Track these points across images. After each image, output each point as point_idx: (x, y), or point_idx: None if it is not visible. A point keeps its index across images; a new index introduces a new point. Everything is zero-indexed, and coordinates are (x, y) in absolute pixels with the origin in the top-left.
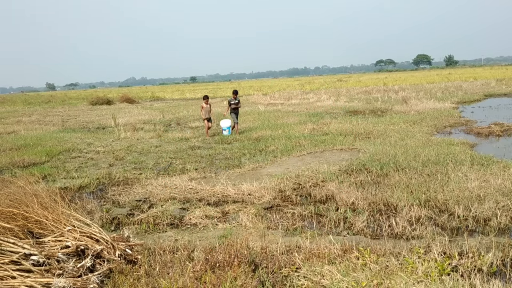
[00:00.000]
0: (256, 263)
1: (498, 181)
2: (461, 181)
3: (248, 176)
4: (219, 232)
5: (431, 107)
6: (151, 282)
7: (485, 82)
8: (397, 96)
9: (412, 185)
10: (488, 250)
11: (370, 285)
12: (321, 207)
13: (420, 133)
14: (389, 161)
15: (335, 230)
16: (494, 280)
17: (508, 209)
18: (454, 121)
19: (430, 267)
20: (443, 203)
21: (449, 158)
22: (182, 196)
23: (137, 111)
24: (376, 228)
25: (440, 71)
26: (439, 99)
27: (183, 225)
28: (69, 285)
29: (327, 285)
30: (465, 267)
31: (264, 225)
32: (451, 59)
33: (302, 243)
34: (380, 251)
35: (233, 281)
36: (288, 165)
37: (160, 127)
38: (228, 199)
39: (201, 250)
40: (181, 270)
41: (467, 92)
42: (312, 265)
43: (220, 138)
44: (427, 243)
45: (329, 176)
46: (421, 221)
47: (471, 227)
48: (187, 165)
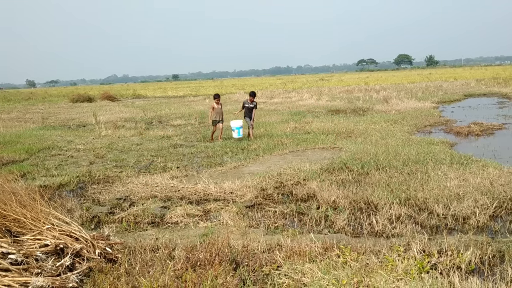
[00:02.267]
0: (237, 262)
1: (477, 180)
2: (441, 180)
3: (230, 175)
4: (200, 230)
5: (411, 106)
6: (131, 281)
7: (465, 82)
8: (378, 96)
9: (392, 184)
10: (467, 248)
11: (350, 283)
12: (303, 206)
13: (401, 132)
14: (370, 160)
15: (316, 228)
16: (473, 278)
17: (487, 207)
18: (434, 121)
19: (409, 265)
20: (423, 202)
21: (429, 157)
22: (163, 194)
23: (118, 109)
24: (356, 226)
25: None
26: (419, 98)
27: (164, 223)
28: (47, 284)
29: (308, 283)
30: (444, 265)
31: (245, 223)
32: (431, 59)
33: (283, 241)
34: (361, 249)
35: (214, 279)
36: (270, 163)
37: (141, 125)
38: (209, 198)
39: (182, 249)
40: (161, 269)
41: (447, 92)
42: (293, 263)
43: (202, 136)
44: (407, 241)
45: (310, 174)
46: (401, 220)
47: (450, 226)
48: (169, 163)
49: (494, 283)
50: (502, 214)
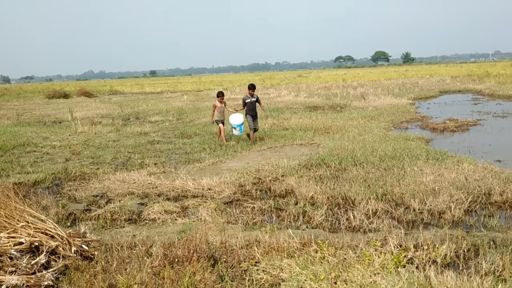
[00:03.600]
0: (215, 258)
1: (452, 175)
2: (417, 175)
3: (208, 171)
4: (178, 227)
5: (388, 103)
6: (108, 278)
7: (441, 79)
8: (355, 92)
9: (369, 179)
10: (442, 242)
11: (328, 277)
12: (281, 202)
13: (378, 128)
14: (347, 155)
15: (295, 224)
16: (448, 271)
17: (462, 202)
18: (410, 117)
19: (386, 259)
20: (399, 197)
21: (405, 153)
22: (140, 191)
23: (95, 105)
24: (334, 222)
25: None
26: (396, 95)
27: (141, 220)
28: (22, 283)
29: (286, 278)
30: (420, 259)
31: (223, 219)
32: (408, 56)
33: (261, 237)
34: (338, 244)
35: (192, 276)
36: (249, 159)
37: (118, 121)
38: (187, 194)
39: (159, 246)
40: (139, 266)
41: (423, 88)
42: (271, 259)
43: (180, 133)
44: (384, 236)
45: (289, 170)
46: (378, 215)
47: (426, 220)
48: (146, 159)
49: (469, 276)
50: (476, 209)
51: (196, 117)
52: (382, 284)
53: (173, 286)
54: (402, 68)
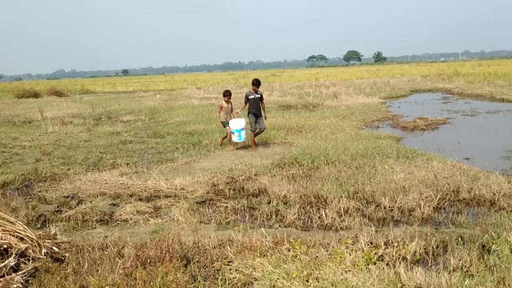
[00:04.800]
0: (188, 258)
1: (422, 173)
2: (388, 173)
3: (181, 171)
4: (150, 227)
5: (360, 102)
6: (79, 280)
7: (411, 78)
8: (328, 91)
9: (341, 178)
10: (412, 239)
11: (300, 276)
12: (254, 201)
13: (350, 127)
14: (320, 154)
15: (267, 223)
16: (417, 268)
17: (431, 199)
18: (381, 116)
19: (357, 256)
20: (370, 195)
21: (377, 151)
22: (112, 191)
23: (66, 105)
24: (306, 220)
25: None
26: (368, 94)
27: (113, 221)
28: None
29: (258, 277)
30: (390, 256)
31: (196, 219)
32: (379, 56)
33: (234, 236)
34: (310, 242)
35: (164, 276)
36: (222, 159)
37: (90, 121)
38: (160, 194)
39: (131, 246)
40: (110, 267)
41: (394, 87)
42: (244, 258)
43: (152, 132)
44: (355, 234)
45: (262, 169)
46: (349, 213)
47: (396, 218)
48: (118, 159)
49: (438, 272)
50: (445, 206)
51: (169, 116)
52: (353, 281)
53: (145, 287)
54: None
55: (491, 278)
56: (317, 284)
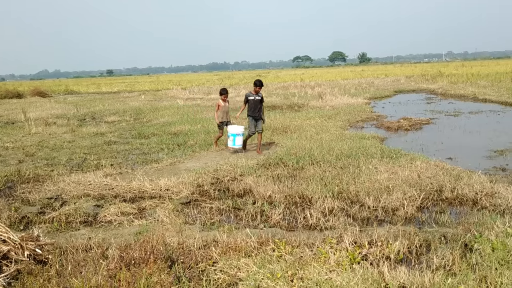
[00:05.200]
0: (172, 259)
1: (405, 173)
2: (372, 173)
3: (166, 171)
4: (135, 229)
5: (345, 102)
6: (62, 282)
7: (396, 79)
8: (313, 92)
9: (326, 178)
10: (396, 239)
11: (285, 276)
12: (239, 201)
13: (334, 127)
14: (304, 154)
15: (252, 223)
16: (401, 267)
17: (414, 199)
18: (366, 116)
19: (341, 256)
20: (354, 195)
21: (361, 151)
22: (96, 192)
23: (49, 105)
24: (291, 220)
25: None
26: (352, 94)
27: (97, 222)
28: None
29: (243, 277)
30: (374, 255)
31: (181, 220)
32: (364, 57)
33: (219, 237)
34: (295, 243)
35: (149, 278)
36: (207, 159)
37: (74, 122)
38: (144, 195)
39: (115, 248)
40: (94, 269)
41: (379, 88)
42: (229, 258)
43: (137, 133)
44: (339, 234)
45: (247, 170)
46: (334, 212)
47: (380, 217)
48: (102, 160)
49: (421, 271)
50: (428, 205)
51: (154, 117)
52: (338, 280)
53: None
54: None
55: (473, 276)
56: (302, 284)
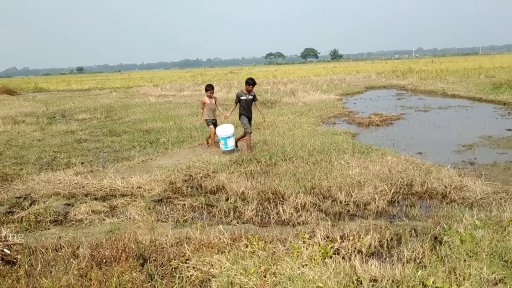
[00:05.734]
0: (144, 257)
1: (376, 167)
2: (344, 168)
3: (138, 169)
4: (106, 227)
5: (317, 98)
6: (32, 282)
7: (367, 75)
8: (286, 88)
9: (298, 174)
10: (367, 233)
11: (257, 271)
12: (212, 198)
13: (307, 123)
14: (277, 151)
15: (225, 219)
16: (372, 260)
17: (385, 193)
18: (338, 112)
19: (314, 251)
20: (327, 190)
21: (333, 147)
22: (66, 191)
23: (18, 103)
24: (264, 216)
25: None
26: (324, 91)
27: (67, 221)
28: None
29: (216, 274)
30: (346, 249)
31: (153, 218)
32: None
33: (192, 234)
34: (268, 238)
35: (120, 276)
36: (179, 156)
37: (43, 120)
38: (116, 193)
39: (86, 247)
40: (65, 268)
41: (350, 84)
42: (202, 255)
43: (108, 130)
44: (312, 228)
45: (220, 166)
46: (306, 208)
47: (352, 212)
48: (73, 159)
49: (392, 264)
50: (399, 199)
51: (126, 114)
52: (310, 275)
53: (100, 287)
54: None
55: (442, 268)
56: (275, 279)
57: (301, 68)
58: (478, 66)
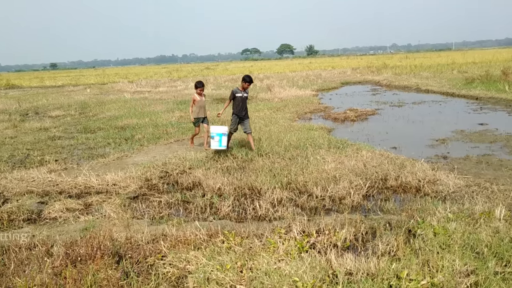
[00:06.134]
0: (120, 254)
1: (351, 162)
2: (319, 163)
3: (113, 166)
4: (81, 225)
5: (293, 94)
6: (4, 282)
7: (342, 71)
8: (262, 84)
9: (275, 169)
10: (342, 227)
11: (234, 267)
12: (188, 194)
13: (283, 119)
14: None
15: (202, 216)
16: (348, 254)
17: (360, 188)
18: (314, 108)
19: (290, 245)
20: (303, 185)
21: (309, 142)
22: (40, 189)
23: None
24: (241, 212)
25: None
26: (300, 86)
27: (41, 220)
28: None
29: (192, 270)
30: (322, 243)
31: (129, 215)
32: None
33: (168, 230)
34: (244, 234)
35: (96, 274)
36: (155, 153)
37: (16, 117)
38: (91, 191)
39: (61, 245)
40: (39, 267)
41: (326, 80)
42: (178, 252)
43: (83, 127)
44: (288, 223)
45: (196, 163)
46: (283, 203)
47: (327, 206)
48: (47, 156)
49: (367, 258)
50: (374, 193)
51: (100, 111)
52: (286, 269)
53: (75, 285)
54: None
55: (416, 261)
56: (251, 274)
57: (277, 64)
58: (451, 62)
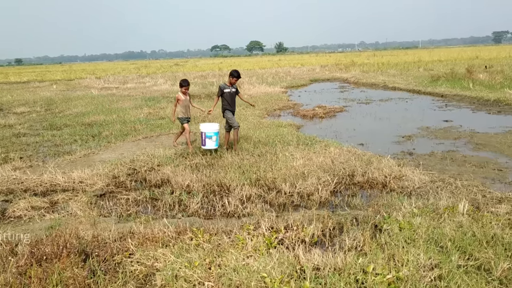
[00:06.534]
0: (87, 253)
1: (320, 159)
2: (288, 160)
3: (80, 163)
4: (46, 223)
5: (262, 91)
6: None
7: (311, 68)
8: None
9: (244, 166)
10: (310, 222)
11: (202, 264)
12: (157, 191)
13: (252, 116)
14: (223, 143)
15: (170, 213)
16: (315, 249)
17: (328, 184)
18: (283, 105)
19: (259, 242)
20: (272, 182)
21: (278, 139)
22: (4, 187)
23: None
24: (210, 209)
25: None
26: (270, 83)
27: (5, 218)
28: None
29: (160, 267)
30: (290, 239)
31: (96, 213)
32: (281, 46)
33: (136, 228)
34: (213, 230)
35: (62, 273)
36: (123, 150)
37: None
38: (57, 188)
39: (26, 244)
40: (2, 267)
41: (295, 77)
42: (146, 249)
43: (49, 124)
44: (257, 220)
45: (164, 160)
46: (252, 199)
47: (296, 202)
48: (11, 153)
49: (334, 253)
50: (341, 189)
51: (67, 107)
52: (255, 265)
53: (41, 285)
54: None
55: (382, 255)
56: (220, 271)
57: (247, 61)
58: (418, 60)
